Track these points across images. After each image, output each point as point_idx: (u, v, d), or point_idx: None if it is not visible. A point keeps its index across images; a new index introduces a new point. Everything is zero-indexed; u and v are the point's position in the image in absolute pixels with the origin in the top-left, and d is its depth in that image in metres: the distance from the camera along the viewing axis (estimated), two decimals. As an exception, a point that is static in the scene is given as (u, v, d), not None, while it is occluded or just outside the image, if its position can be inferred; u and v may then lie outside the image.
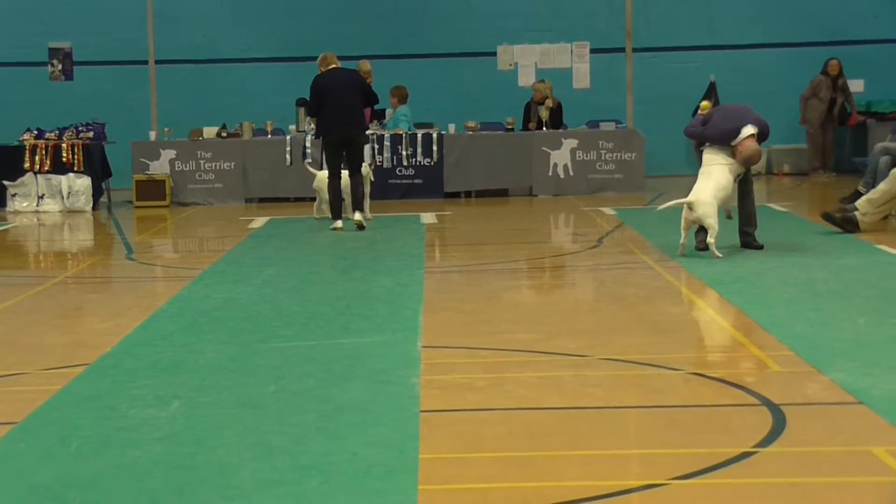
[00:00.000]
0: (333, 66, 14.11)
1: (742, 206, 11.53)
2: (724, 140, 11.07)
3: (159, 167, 18.22)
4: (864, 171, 14.72)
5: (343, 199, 13.96)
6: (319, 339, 7.84)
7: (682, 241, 11.01)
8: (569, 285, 10.85)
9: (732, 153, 11.07)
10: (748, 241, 11.49)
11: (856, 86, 20.65)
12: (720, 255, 10.84)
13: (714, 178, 10.94)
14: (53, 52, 21.19)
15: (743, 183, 11.46)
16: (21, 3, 21.29)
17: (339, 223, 13.79)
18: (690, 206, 10.84)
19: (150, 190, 18.04)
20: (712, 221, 10.80)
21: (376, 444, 5.39)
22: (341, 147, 13.84)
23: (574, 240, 13.92)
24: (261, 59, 21.04)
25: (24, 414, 6.04)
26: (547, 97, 18.77)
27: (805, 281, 9.73)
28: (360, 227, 13.63)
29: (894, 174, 12.67)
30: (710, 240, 10.90)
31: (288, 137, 18.37)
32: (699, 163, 11.21)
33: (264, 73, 21.06)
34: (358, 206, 13.86)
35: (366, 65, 16.59)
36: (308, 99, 18.47)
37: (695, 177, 11.19)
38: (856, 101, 20.29)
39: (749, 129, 11.00)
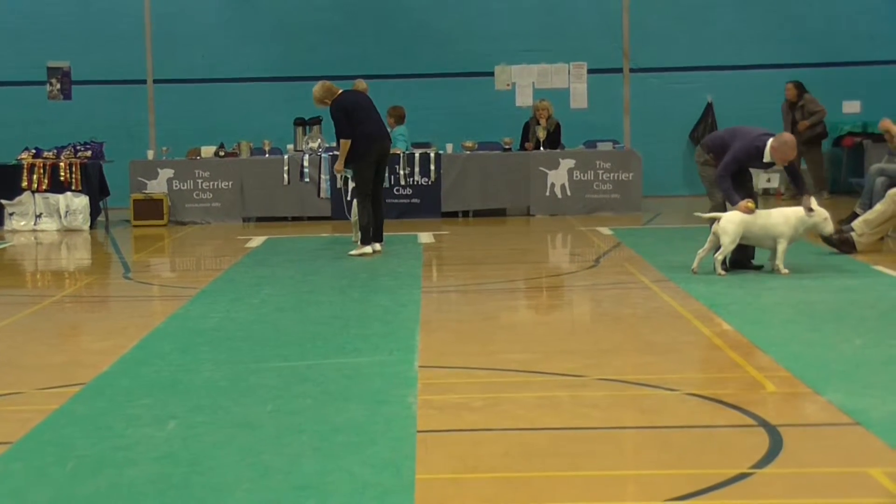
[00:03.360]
0: (341, 90, 13.81)
1: None
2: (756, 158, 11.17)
3: (157, 186, 18.24)
4: (860, 193, 14.73)
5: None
6: (316, 358, 7.84)
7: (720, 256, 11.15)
8: (566, 305, 10.85)
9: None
10: (742, 261, 11.55)
11: (852, 107, 20.71)
12: (722, 272, 10.97)
13: (770, 211, 11.25)
14: (52, 72, 21.23)
15: None
16: (20, 23, 21.33)
17: (368, 249, 13.29)
18: (718, 219, 11.05)
19: (148, 209, 18.05)
20: (727, 240, 10.96)
21: (373, 464, 5.38)
22: (376, 164, 13.33)
23: (571, 260, 13.93)
24: (259, 78, 21.08)
25: (19, 434, 6.02)
26: (550, 115, 18.80)
27: (802, 302, 9.73)
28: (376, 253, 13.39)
29: (890, 195, 12.70)
30: (717, 255, 11.05)
31: (285, 157, 18.39)
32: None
33: (262, 92, 21.09)
34: (380, 236, 13.53)
35: (361, 84, 16.59)
36: (307, 118, 18.66)
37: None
38: (855, 122, 20.32)
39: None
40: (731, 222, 10.98)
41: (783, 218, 11.12)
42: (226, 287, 11.32)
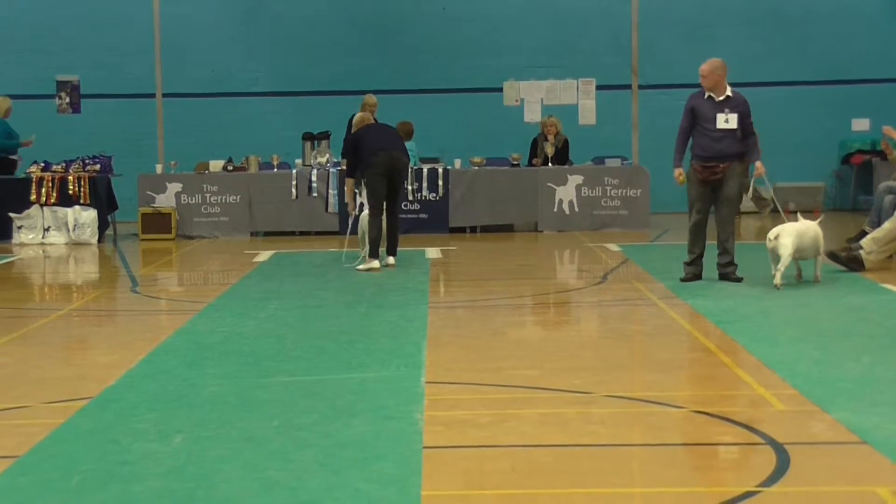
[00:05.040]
0: (368, 122, 13.73)
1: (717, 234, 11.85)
2: None
3: (165, 200, 18.27)
4: (869, 210, 14.72)
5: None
6: (323, 373, 7.83)
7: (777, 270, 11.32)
8: (573, 322, 10.84)
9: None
10: (726, 273, 11.61)
11: (861, 125, 20.70)
12: (779, 284, 11.19)
13: (809, 223, 11.62)
14: (61, 85, 21.29)
15: (718, 208, 11.66)
16: (30, 36, 21.41)
17: (376, 263, 13.20)
18: (777, 236, 11.27)
19: (156, 223, 18.08)
20: (785, 253, 11.16)
21: (378, 480, 5.37)
22: (386, 177, 13.24)
23: (579, 276, 13.92)
24: (267, 93, 21.14)
25: (25, 448, 6.02)
26: (558, 131, 18.81)
27: (810, 319, 9.71)
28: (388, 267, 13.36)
29: (899, 213, 12.67)
30: (780, 267, 11.24)
31: (294, 171, 18.42)
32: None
33: (271, 107, 21.15)
34: (393, 249, 13.52)
35: (371, 98, 16.62)
36: (315, 133, 18.70)
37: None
38: (864, 139, 20.31)
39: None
40: (789, 235, 11.16)
41: (819, 231, 11.57)
42: (233, 301, 11.32)
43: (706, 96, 11.78)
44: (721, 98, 11.73)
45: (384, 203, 13.36)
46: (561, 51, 21.27)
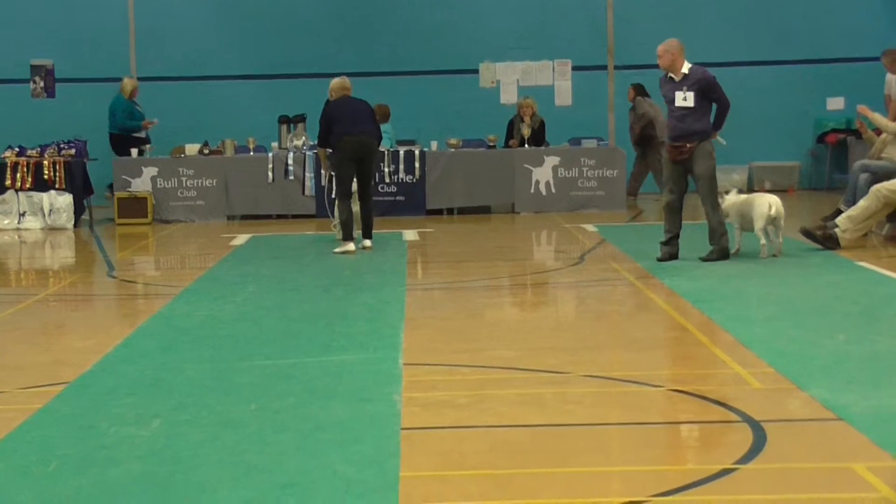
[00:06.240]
0: (345, 94, 13.64)
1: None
2: None
3: (141, 184, 18.19)
4: (844, 189, 14.78)
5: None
6: (300, 356, 7.83)
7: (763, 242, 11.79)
8: (550, 302, 10.86)
9: None
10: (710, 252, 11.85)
11: (836, 103, 20.75)
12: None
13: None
14: (35, 69, 21.15)
15: (697, 187, 11.83)
16: (2, 20, 21.26)
17: (351, 246, 13.22)
18: (771, 205, 11.73)
19: (132, 207, 18.00)
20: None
21: (356, 462, 5.38)
22: (354, 162, 13.26)
23: (556, 257, 13.94)
24: (243, 76, 21.05)
25: (2, 433, 6.00)
26: (534, 113, 18.82)
27: (786, 298, 9.76)
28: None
29: (874, 191, 12.73)
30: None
31: (270, 155, 18.37)
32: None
33: (246, 90, 21.07)
34: (368, 232, 13.51)
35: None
36: (291, 116, 18.65)
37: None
38: (839, 118, 20.41)
39: None
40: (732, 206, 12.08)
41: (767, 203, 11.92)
42: (210, 285, 11.30)
43: (667, 77, 11.88)
44: (679, 77, 11.81)
45: (354, 187, 13.40)
46: (536, 32, 21.24)
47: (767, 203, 11.70)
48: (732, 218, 12.05)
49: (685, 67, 11.83)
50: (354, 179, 13.39)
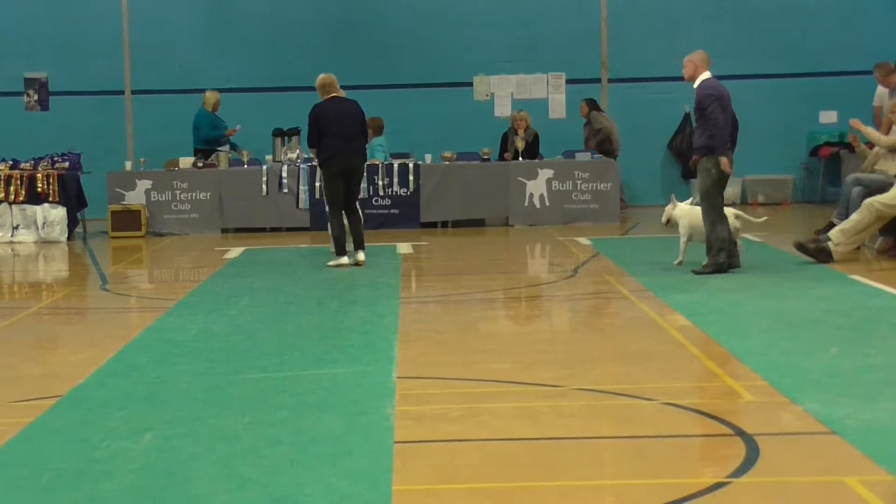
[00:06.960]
0: (335, 94, 13.68)
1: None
2: None
3: (135, 197, 18.18)
4: (837, 202, 14.79)
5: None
6: (294, 370, 7.82)
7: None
8: (544, 315, 10.86)
9: None
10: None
11: (829, 117, 20.80)
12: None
13: None
14: (29, 83, 21.16)
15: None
16: (-3, 33, 21.26)
17: (344, 259, 13.25)
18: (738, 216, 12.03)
19: (126, 220, 18.00)
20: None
21: (350, 475, 5.37)
22: (343, 177, 13.29)
23: (550, 270, 13.94)
24: (237, 89, 21.04)
25: (-5, 446, 6.00)
26: (528, 126, 18.84)
27: (779, 311, 9.76)
28: (359, 265, 13.32)
29: (866, 205, 12.75)
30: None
31: (264, 168, 18.37)
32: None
33: (241, 103, 21.05)
34: (361, 245, 13.47)
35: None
36: (285, 129, 18.65)
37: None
38: (832, 132, 20.47)
39: None
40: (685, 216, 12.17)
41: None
42: (203, 298, 11.30)
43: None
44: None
45: (343, 202, 13.37)
46: (531, 45, 21.27)
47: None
48: (682, 228, 12.11)
49: (698, 80, 11.85)
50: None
